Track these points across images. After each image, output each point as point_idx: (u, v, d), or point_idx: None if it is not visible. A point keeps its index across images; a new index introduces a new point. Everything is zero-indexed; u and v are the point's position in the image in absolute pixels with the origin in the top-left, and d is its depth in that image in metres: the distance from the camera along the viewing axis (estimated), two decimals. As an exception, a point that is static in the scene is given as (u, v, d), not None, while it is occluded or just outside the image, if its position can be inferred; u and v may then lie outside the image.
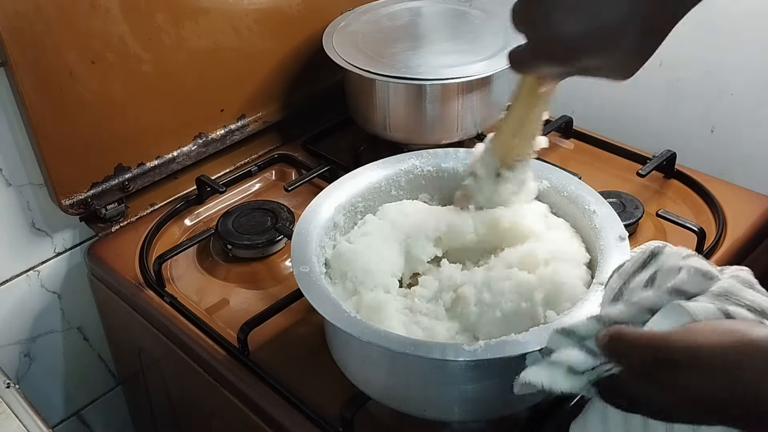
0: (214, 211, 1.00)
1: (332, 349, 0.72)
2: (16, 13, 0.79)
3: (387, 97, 0.98)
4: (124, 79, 0.91)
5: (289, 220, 0.93)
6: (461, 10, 1.09)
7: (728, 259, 0.87)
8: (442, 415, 0.67)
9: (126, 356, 1.04)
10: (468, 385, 0.64)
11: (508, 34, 1.01)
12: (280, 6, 1.03)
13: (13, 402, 0.72)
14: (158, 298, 0.86)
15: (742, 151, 1.08)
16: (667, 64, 1.08)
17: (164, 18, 0.92)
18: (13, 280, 0.95)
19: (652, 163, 0.97)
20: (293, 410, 0.72)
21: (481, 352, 0.59)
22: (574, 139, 1.08)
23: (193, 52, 0.96)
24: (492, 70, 0.95)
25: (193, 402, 0.90)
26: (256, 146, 1.09)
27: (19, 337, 0.99)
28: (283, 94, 1.09)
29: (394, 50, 1.00)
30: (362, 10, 1.11)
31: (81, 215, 0.95)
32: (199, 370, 0.81)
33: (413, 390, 0.66)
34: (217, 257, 0.92)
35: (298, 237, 0.72)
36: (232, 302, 0.86)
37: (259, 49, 1.03)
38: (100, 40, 0.87)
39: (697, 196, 0.96)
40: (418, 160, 0.82)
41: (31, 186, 0.92)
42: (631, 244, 0.68)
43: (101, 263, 0.93)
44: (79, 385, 1.09)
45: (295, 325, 0.81)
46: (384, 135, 1.02)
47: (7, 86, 0.84)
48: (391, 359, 0.64)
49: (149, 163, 0.97)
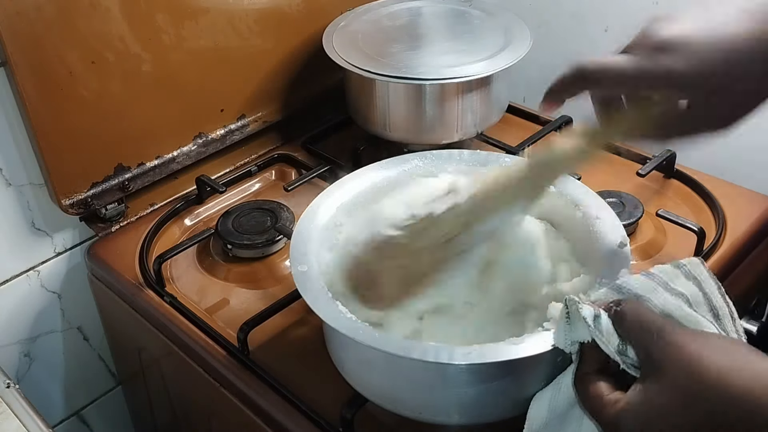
0: (214, 211, 1.00)
1: (330, 350, 0.72)
2: (16, 13, 0.79)
3: (387, 97, 0.98)
4: (124, 79, 0.91)
5: (289, 220, 0.93)
6: (461, 10, 1.09)
7: (728, 258, 0.87)
8: (438, 418, 0.67)
9: (126, 356, 1.04)
10: (463, 388, 0.64)
11: (508, 34, 1.02)
12: (280, 6, 1.03)
13: (13, 402, 0.72)
14: (158, 298, 0.86)
15: (742, 151, 1.08)
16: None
17: (164, 18, 0.92)
18: (13, 280, 0.96)
19: (652, 162, 0.97)
20: (293, 410, 0.72)
21: (475, 356, 0.58)
22: (574, 139, 1.07)
23: (193, 52, 0.96)
24: (492, 70, 0.95)
25: (193, 402, 0.90)
26: (256, 146, 1.09)
27: (19, 337, 0.99)
28: (283, 94, 1.09)
29: (394, 50, 1.00)
30: (362, 10, 1.11)
31: (81, 215, 0.95)
32: (199, 370, 0.81)
33: (407, 392, 0.66)
34: (217, 257, 0.92)
35: (297, 237, 0.72)
36: (232, 302, 0.86)
37: (259, 49, 1.03)
38: (100, 40, 0.87)
39: (697, 196, 0.96)
40: (421, 160, 0.81)
41: (31, 186, 0.92)
42: (631, 244, 0.68)
43: (101, 263, 0.93)
44: (79, 385, 1.09)
45: (295, 324, 0.81)
46: (384, 135, 1.02)
47: (7, 86, 0.84)
48: (385, 361, 0.64)
49: (149, 163, 0.97)
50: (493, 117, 1.03)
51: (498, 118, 1.05)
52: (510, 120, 1.11)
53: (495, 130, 1.06)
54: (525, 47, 0.98)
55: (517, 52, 0.97)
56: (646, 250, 0.88)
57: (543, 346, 0.58)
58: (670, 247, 0.89)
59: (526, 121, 1.12)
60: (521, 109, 1.13)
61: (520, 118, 1.13)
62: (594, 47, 1.21)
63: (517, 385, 0.65)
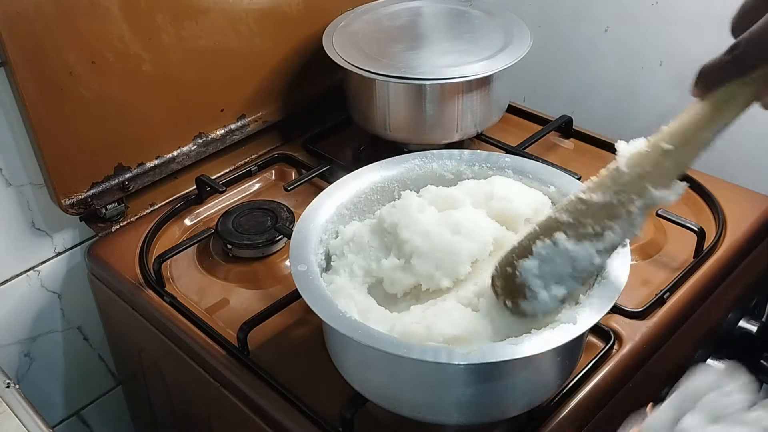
0: (214, 211, 1.00)
1: (330, 350, 0.72)
2: (16, 13, 0.79)
3: (387, 97, 0.98)
4: (124, 79, 0.91)
5: (289, 220, 0.93)
6: (461, 10, 1.09)
7: (728, 258, 0.87)
8: (437, 418, 0.67)
9: (126, 356, 1.04)
10: (462, 388, 0.64)
11: (508, 34, 1.02)
12: (280, 6, 1.03)
13: (13, 402, 0.72)
14: (158, 298, 0.86)
15: (742, 150, 1.08)
16: (668, 63, 1.09)
17: (164, 18, 0.92)
18: (13, 280, 0.96)
19: (652, 162, 0.96)
20: (293, 410, 0.72)
21: (475, 356, 0.58)
22: (574, 139, 1.08)
23: (193, 52, 0.96)
24: (492, 70, 0.95)
25: (193, 402, 0.90)
26: (256, 146, 1.09)
27: (19, 337, 0.99)
28: (283, 94, 1.09)
29: (394, 50, 1.00)
30: (362, 10, 1.11)
31: (81, 215, 0.95)
32: (199, 370, 0.81)
33: (407, 392, 0.66)
34: (217, 257, 0.93)
35: (297, 236, 0.72)
36: (232, 302, 0.86)
37: (259, 49, 1.03)
38: (100, 40, 0.87)
39: (697, 196, 0.96)
40: (421, 160, 0.81)
41: (31, 186, 0.92)
42: (631, 244, 0.68)
43: (101, 263, 0.93)
44: (79, 385, 1.09)
45: (295, 324, 0.81)
46: (384, 135, 1.02)
47: (7, 86, 0.84)
48: (384, 361, 0.64)
49: (149, 162, 0.97)
50: (493, 117, 1.03)
51: (498, 118, 1.05)
52: (510, 120, 1.11)
53: (495, 130, 1.06)
54: (525, 47, 0.98)
55: (517, 52, 0.97)
56: (646, 250, 0.89)
57: (543, 346, 0.58)
58: (670, 247, 0.89)
59: (526, 121, 1.12)
60: (521, 109, 1.13)
61: (520, 118, 1.13)
62: (594, 47, 1.21)
63: (516, 385, 0.65)
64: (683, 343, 0.84)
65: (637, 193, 0.57)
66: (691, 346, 0.87)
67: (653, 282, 0.84)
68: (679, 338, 0.82)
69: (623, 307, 0.79)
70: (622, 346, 0.77)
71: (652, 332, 0.78)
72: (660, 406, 0.59)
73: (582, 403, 0.72)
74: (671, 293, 0.82)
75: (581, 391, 0.73)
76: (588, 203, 0.59)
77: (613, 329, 0.78)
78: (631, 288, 0.80)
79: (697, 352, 0.88)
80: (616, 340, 0.77)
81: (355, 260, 0.72)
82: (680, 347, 0.83)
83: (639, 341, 0.77)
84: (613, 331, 0.77)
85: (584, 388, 0.73)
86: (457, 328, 0.64)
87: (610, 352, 0.76)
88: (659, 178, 0.56)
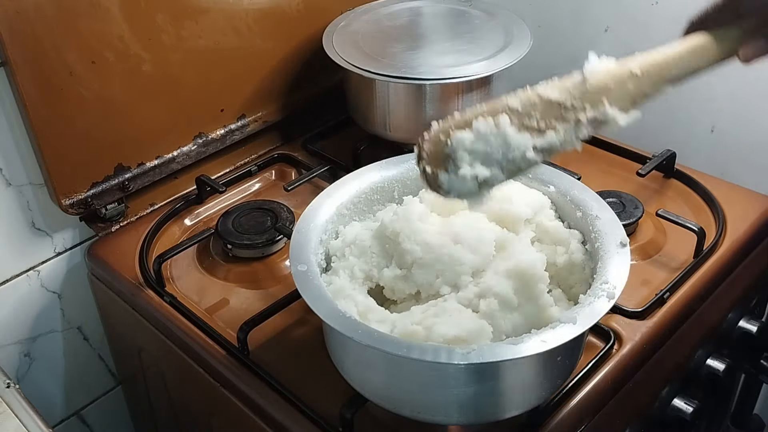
0: (214, 211, 1.00)
1: (330, 350, 0.72)
2: (16, 13, 0.79)
3: (387, 97, 0.98)
4: (124, 79, 0.91)
5: (289, 220, 0.93)
6: (461, 10, 1.09)
7: (728, 258, 0.87)
8: (437, 418, 0.67)
9: (126, 356, 1.04)
10: (462, 388, 0.64)
11: (508, 34, 1.02)
12: (280, 6, 1.03)
13: (13, 402, 0.72)
14: (158, 298, 0.86)
15: (742, 151, 1.08)
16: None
17: (164, 18, 0.92)
18: (13, 280, 0.95)
19: (652, 162, 0.97)
20: (293, 410, 0.72)
21: (474, 356, 0.58)
22: (574, 139, 1.07)
23: (193, 52, 0.96)
24: (492, 69, 0.95)
25: (193, 402, 0.90)
26: (256, 146, 1.09)
27: (19, 337, 0.99)
28: (283, 94, 1.09)
29: (394, 50, 1.00)
30: (362, 10, 1.11)
31: (81, 215, 0.95)
32: (199, 370, 0.81)
33: (407, 392, 0.66)
34: (217, 257, 0.92)
35: (297, 236, 0.72)
36: (232, 302, 0.86)
37: (259, 49, 1.03)
38: (100, 40, 0.87)
39: (696, 196, 0.96)
40: None
41: (31, 186, 0.92)
42: (631, 244, 0.68)
43: (101, 263, 0.93)
44: (79, 385, 1.09)
45: (294, 324, 0.81)
46: (384, 135, 1.02)
47: (7, 86, 0.84)
48: (384, 361, 0.64)
49: (149, 162, 0.97)
50: (493, 117, 1.03)
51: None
52: (510, 120, 1.11)
53: (495, 130, 1.06)
54: (525, 47, 0.98)
55: (517, 52, 0.97)
56: (646, 249, 0.88)
57: (542, 346, 0.58)
58: (670, 247, 0.89)
59: (526, 121, 1.12)
60: (521, 109, 1.13)
61: (520, 118, 1.12)
62: (594, 47, 1.21)
63: (516, 385, 0.65)
64: (683, 343, 0.84)
65: (591, 104, 0.57)
66: (691, 346, 0.87)
67: (653, 282, 0.84)
68: (679, 338, 0.82)
69: (623, 307, 0.79)
70: (622, 346, 0.77)
71: (652, 332, 0.78)
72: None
73: (582, 403, 0.72)
74: (671, 293, 0.82)
75: (581, 391, 0.73)
76: (542, 97, 0.59)
77: (613, 329, 0.78)
78: (631, 288, 0.80)
79: (697, 352, 0.88)
80: (616, 340, 0.77)
81: (356, 263, 0.72)
82: (680, 347, 0.83)
83: (639, 341, 0.77)
84: (613, 331, 0.77)
85: (584, 388, 0.73)
86: (458, 328, 0.64)
87: (610, 352, 0.76)
88: (617, 99, 0.57)
